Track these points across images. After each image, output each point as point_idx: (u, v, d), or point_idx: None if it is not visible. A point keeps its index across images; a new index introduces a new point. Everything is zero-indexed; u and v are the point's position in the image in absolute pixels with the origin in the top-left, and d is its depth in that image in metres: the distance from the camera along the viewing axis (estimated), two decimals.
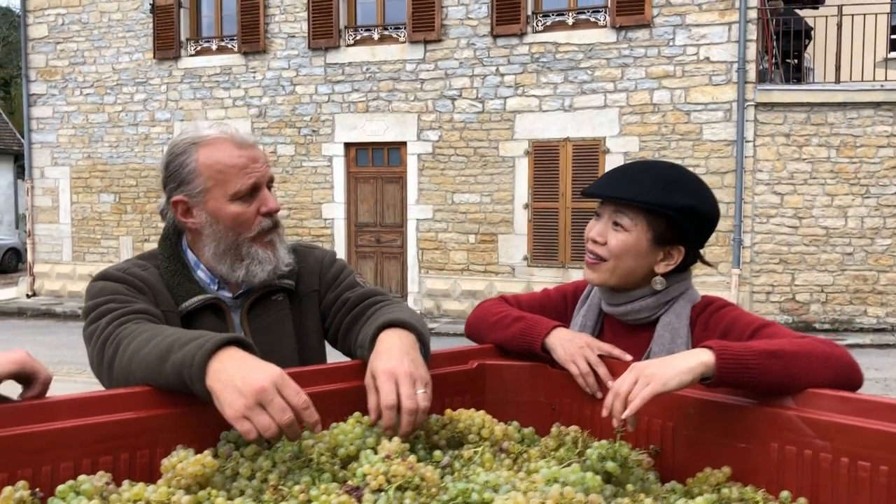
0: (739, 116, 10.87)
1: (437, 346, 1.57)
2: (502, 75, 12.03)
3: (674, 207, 1.57)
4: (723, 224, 11.10)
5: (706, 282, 11.18)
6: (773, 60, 12.67)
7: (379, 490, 1.08)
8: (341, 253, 12.97)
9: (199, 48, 13.79)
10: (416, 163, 12.51)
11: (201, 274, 1.68)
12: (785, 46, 12.64)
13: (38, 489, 1.05)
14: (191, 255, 1.69)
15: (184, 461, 1.10)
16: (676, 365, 1.25)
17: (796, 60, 13.69)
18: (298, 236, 13.05)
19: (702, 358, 1.25)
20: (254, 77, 13.34)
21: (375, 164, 12.89)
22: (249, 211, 1.63)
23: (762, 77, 11.63)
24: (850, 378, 1.30)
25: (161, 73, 13.94)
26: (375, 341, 1.42)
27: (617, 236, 1.60)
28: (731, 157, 10.98)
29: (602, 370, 1.50)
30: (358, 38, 12.82)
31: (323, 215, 13.10)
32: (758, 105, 10.94)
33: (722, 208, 10.81)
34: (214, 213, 1.62)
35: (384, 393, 1.28)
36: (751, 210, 11.03)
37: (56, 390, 1.29)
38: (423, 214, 12.54)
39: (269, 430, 1.15)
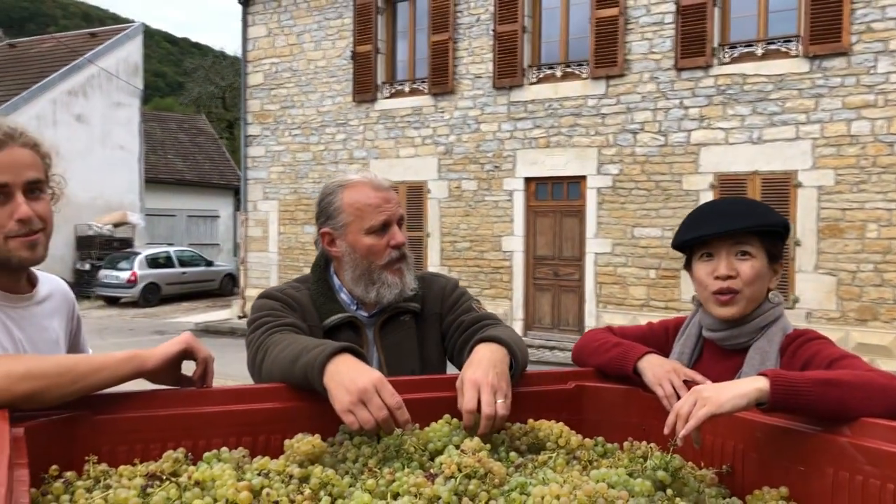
0: None
1: None
2: (686, 108, 11.85)
3: (782, 224, 1.74)
4: None
5: None
6: None
7: (451, 477, 1.29)
8: (519, 285, 13.24)
9: (393, 91, 14.74)
10: (595, 196, 12.56)
11: (343, 295, 1.99)
12: None
13: (191, 454, 1.36)
14: (336, 280, 2.01)
15: (300, 441, 1.37)
16: (732, 389, 1.36)
17: None
18: (479, 268, 13.49)
19: (757, 384, 1.36)
20: (442, 116, 14.04)
21: (555, 197, 13.08)
22: (381, 243, 1.92)
23: None
24: None
25: (359, 115, 15.03)
26: (471, 353, 1.64)
27: (748, 264, 1.73)
28: None
29: (684, 393, 1.62)
30: (541, 75, 13.14)
31: (503, 248, 13.45)
32: None
33: None
34: (353, 243, 1.93)
35: (466, 398, 1.50)
36: None
37: None
38: (601, 248, 12.54)
39: (368, 424, 1.40)
